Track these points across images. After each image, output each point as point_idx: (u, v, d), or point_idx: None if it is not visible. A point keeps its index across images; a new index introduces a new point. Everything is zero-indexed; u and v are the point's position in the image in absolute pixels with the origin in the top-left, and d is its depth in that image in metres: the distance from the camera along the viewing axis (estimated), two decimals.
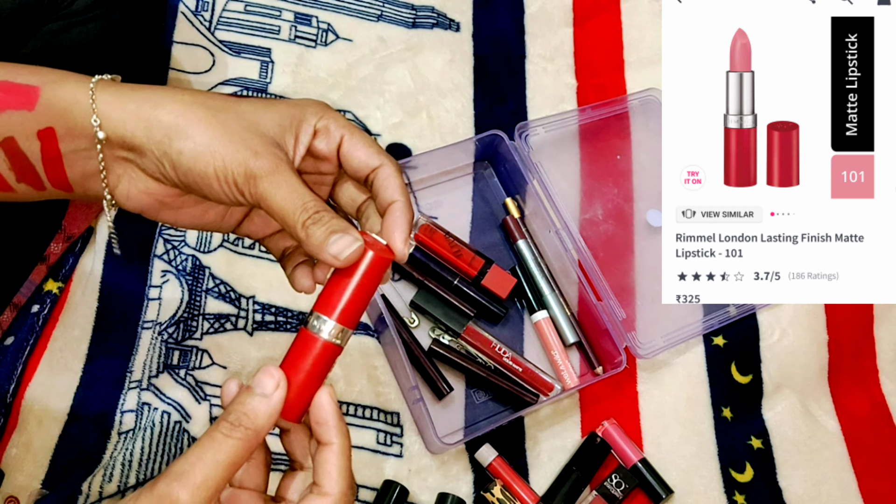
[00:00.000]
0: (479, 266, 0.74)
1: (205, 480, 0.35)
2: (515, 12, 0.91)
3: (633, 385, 0.76)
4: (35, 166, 0.39)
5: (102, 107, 0.38)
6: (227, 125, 0.38)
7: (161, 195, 0.41)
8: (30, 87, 0.38)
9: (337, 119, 0.41)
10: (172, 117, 0.38)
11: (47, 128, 0.38)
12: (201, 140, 0.38)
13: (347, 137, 0.41)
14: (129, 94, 0.39)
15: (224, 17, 0.83)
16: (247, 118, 0.39)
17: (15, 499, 0.61)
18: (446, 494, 0.67)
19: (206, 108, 0.39)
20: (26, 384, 0.65)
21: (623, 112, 0.85)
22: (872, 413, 0.79)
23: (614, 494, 0.68)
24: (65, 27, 0.54)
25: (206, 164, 0.38)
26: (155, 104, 0.38)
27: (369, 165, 0.41)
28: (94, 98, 0.38)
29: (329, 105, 0.42)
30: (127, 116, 0.38)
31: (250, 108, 0.40)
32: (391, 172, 0.41)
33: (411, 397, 0.69)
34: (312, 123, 0.41)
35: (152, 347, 0.68)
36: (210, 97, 0.40)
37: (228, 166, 0.38)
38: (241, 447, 0.36)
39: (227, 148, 0.38)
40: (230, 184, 0.38)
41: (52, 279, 0.69)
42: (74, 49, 0.55)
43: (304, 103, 0.42)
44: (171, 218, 0.43)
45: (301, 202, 0.38)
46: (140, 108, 0.38)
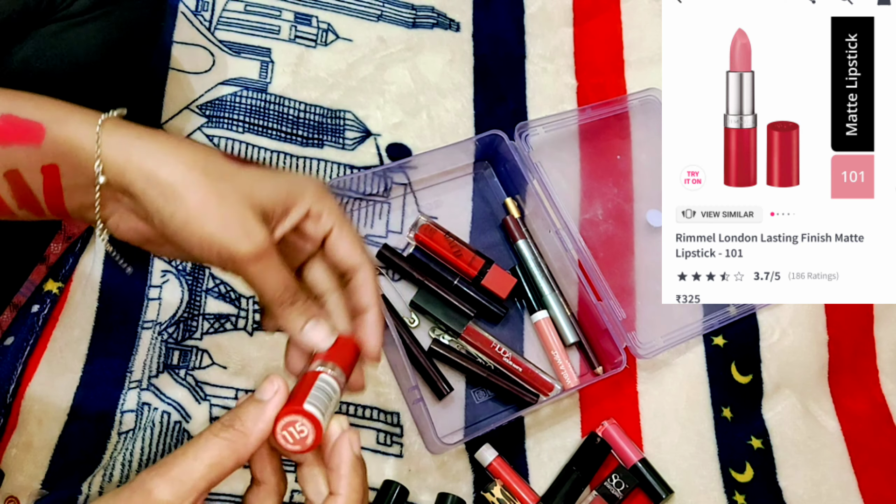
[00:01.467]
0: (479, 266, 0.74)
1: (183, 475, 0.34)
2: (515, 12, 0.91)
3: (633, 385, 0.76)
4: (36, 196, 0.40)
5: (107, 151, 0.38)
6: (223, 196, 0.38)
7: (148, 235, 0.42)
8: (35, 123, 0.38)
9: (332, 208, 0.42)
10: (171, 178, 0.38)
11: (51, 164, 0.39)
12: (194, 207, 0.38)
13: (337, 229, 0.42)
14: (135, 143, 0.39)
15: (224, 17, 0.83)
16: (244, 189, 0.39)
17: (15, 499, 0.61)
18: (446, 494, 0.67)
19: (206, 175, 0.38)
20: (26, 384, 0.65)
21: (623, 112, 0.85)
22: (872, 413, 0.79)
23: (614, 494, 0.68)
24: (64, 28, 0.54)
25: (192, 233, 0.38)
26: (158, 160, 0.38)
27: (351, 263, 0.43)
28: (100, 143, 0.38)
29: (328, 189, 0.43)
30: (129, 167, 0.38)
31: (249, 177, 0.40)
32: (369, 276, 0.43)
33: (411, 397, 0.69)
34: (307, 206, 0.41)
35: (152, 347, 0.68)
36: (213, 160, 0.40)
37: (214, 241, 0.38)
38: (227, 448, 0.35)
39: (216, 223, 0.38)
40: (212, 255, 0.38)
41: (52, 279, 0.69)
42: (74, 50, 0.55)
43: (306, 182, 0.42)
44: (155, 250, 0.43)
45: (283, 284, 0.39)
46: (143, 162, 0.38)
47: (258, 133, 0.78)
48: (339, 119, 0.81)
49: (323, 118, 0.81)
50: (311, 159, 0.78)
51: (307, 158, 0.78)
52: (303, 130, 0.79)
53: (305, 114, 0.80)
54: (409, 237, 0.75)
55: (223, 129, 0.77)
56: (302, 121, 0.80)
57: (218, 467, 0.35)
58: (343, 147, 0.80)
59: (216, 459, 0.35)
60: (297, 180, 0.42)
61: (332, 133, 0.80)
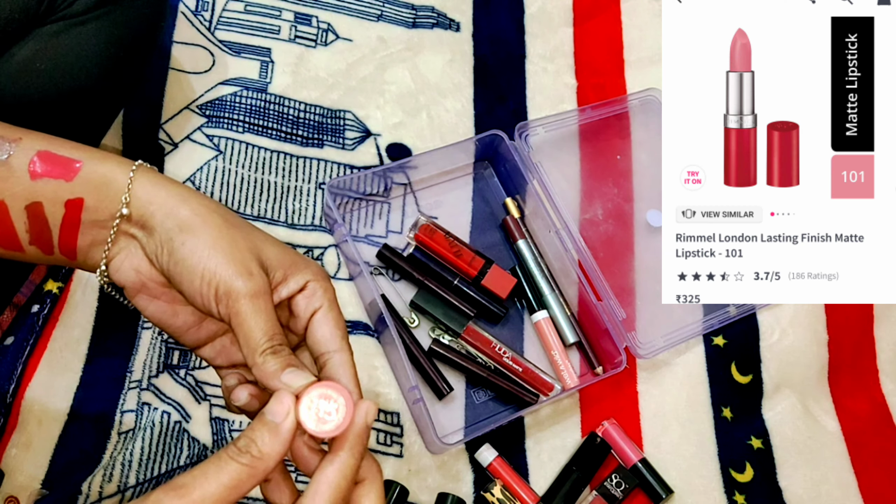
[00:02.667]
0: (479, 266, 0.74)
1: (203, 498, 0.34)
2: (515, 12, 0.91)
3: (633, 385, 0.76)
4: (52, 231, 0.41)
5: (137, 188, 0.41)
6: (235, 240, 0.41)
7: (146, 277, 0.43)
8: (72, 160, 0.41)
9: (327, 290, 0.43)
10: (191, 215, 0.40)
11: (77, 198, 0.41)
12: (205, 241, 0.40)
13: (325, 309, 0.43)
14: (165, 185, 0.41)
15: (224, 17, 0.83)
16: (254, 242, 0.42)
17: (15, 499, 0.61)
18: (446, 494, 0.67)
19: (224, 220, 0.41)
20: (26, 384, 0.65)
21: (623, 112, 0.85)
22: (872, 413, 0.79)
23: (614, 494, 0.68)
24: (64, 28, 0.54)
25: (198, 262, 0.39)
26: (182, 200, 0.41)
27: (328, 346, 0.42)
28: (133, 179, 0.41)
29: (329, 277, 0.44)
30: (154, 202, 0.41)
31: (261, 236, 0.43)
32: (346, 361, 0.42)
33: (411, 397, 0.69)
34: (306, 278, 0.43)
35: (152, 347, 0.68)
36: (232, 214, 0.43)
37: (217, 274, 0.39)
38: (246, 473, 0.35)
39: (224, 258, 0.40)
40: (210, 289, 0.39)
41: (52, 279, 0.69)
42: (74, 50, 0.55)
43: (309, 262, 0.44)
44: (143, 305, 0.44)
45: (271, 331, 0.39)
46: (168, 200, 0.41)
47: (258, 133, 0.78)
48: (339, 119, 0.81)
49: (323, 118, 0.81)
50: (311, 159, 0.78)
51: (307, 158, 0.78)
52: (303, 130, 0.79)
53: (305, 114, 0.80)
54: (409, 237, 0.75)
55: (223, 129, 0.77)
56: (302, 121, 0.80)
57: (236, 490, 0.35)
58: (343, 147, 0.80)
59: (234, 483, 0.35)
60: (303, 257, 0.44)
61: (332, 133, 0.80)
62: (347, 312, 0.73)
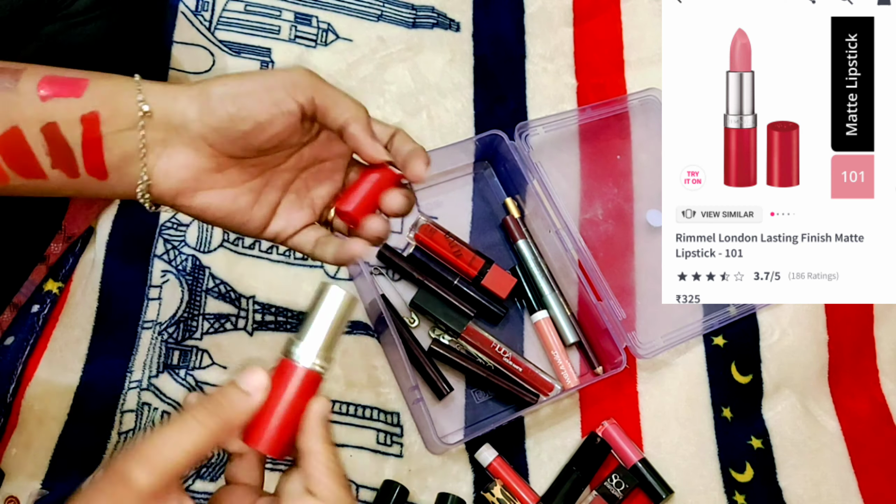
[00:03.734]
0: (479, 266, 0.74)
1: (164, 461, 0.33)
2: (515, 12, 0.91)
3: (633, 385, 0.76)
4: (73, 150, 0.40)
5: (148, 88, 0.41)
6: (273, 76, 0.43)
7: (201, 166, 0.42)
8: (77, 78, 0.40)
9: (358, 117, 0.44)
10: (224, 88, 0.42)
11: (91, 112, 0.40)
12: (257, 76, 0.42)
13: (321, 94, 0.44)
14: (172, 84, 0.42)
15: (224, 17, 0.83)
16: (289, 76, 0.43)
17: (15, 499, 0.61)
18: (446, 494, 0.67)
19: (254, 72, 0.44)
20: (26, 384, 0.65)
21: (623, 112, 0.85)
22: (872, 413, 0.79)
23: (614, 494, 0.68)
24: (65, 28, 0.54)
25: (262, 77, 0.42)
26: (204, 86, 0.42)
27: (337, 120, 0.43)
28: (141, 83, 0.41)
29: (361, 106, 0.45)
30: (177, 95, 0.41)
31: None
32: (360, 125, 0.44)
33: (411, 397, 0.69)
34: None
35: (152, 347, 0.68)
36: None
37: (289, 74, 0.42)
38: (207, 436, 0.35)
39: (284, 73, 0.43)
40: (289, 93, 0.41)
41: (52, 279, 0.69)
42: (74, 50, 0.55)
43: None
44: (202, 203, 0.43)
45: (357, 104, 0.43)
46: (189, 89, 0.41)
47: None
48: None
49: None
50: None
51: None
52: None
53: None
54: (409, 237, 0.75)
55: None
56: None
57: (197, 455, 0.35)
58: None
59: (197, 447, 0.35)
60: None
61: None
62: None
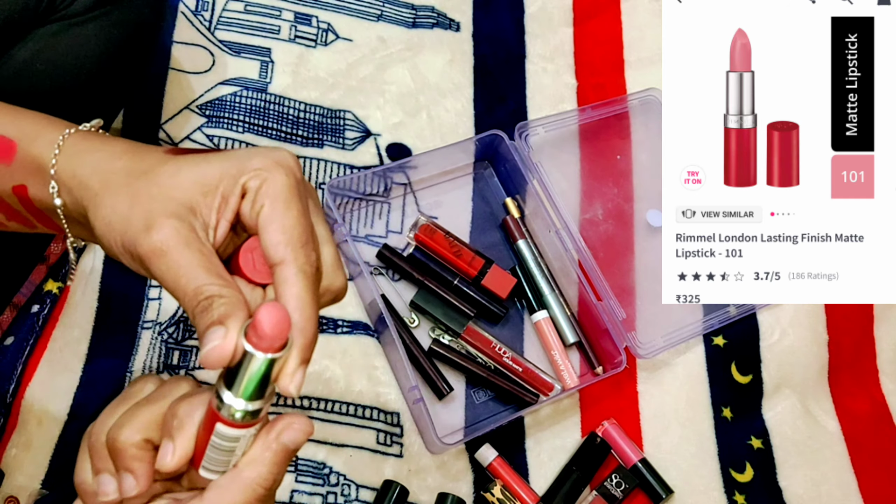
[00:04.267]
0: (479, 266, 0.74)
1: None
2: (515, 12, 0.91)
3: (633, 385, 0.76)
4: (20, 212, 0.39)
5: (62, 166, 0.37)
6: (136, 194, 0.34)
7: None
8: (8, 140, 0.38)
9: (273, 181, 0.34)
10: (96, 181, 0.36)
11: (20, 185, 0.38)
12: (109, 211, 0.35)
13: (268, 209, 0.34)
14: (85, 152, 0.37)
15: (224, 17, 0.83)
16: (162, 182, 0.35)
17: (15, 499, 0.61)
18: (446, 494, 0.67)
19: (127, 175, 0.35)
20: (26, 384, 0.65)
21: (623, 112, 0.85)
22: (872, 413, 0.79)
23: (614, 494, 0.68)
24: (64, 28, 0.54)
25: (112, 238, 0.35)
26: (93, 167, 0.36)
27: (272, 257, 0.34)
28: (56, 162, 0.37)
29: (287, 158, 0.35)
30: (76, 178, 0.36)
31: (175, 168, 0.35)
32: (292, 274, 0.33)
33: (411, 397, 0.69)
34: (242, 182, 0.34)
35: (152, 347, 0.68)
36: (142, 159, 0.36)
37: (125, 241, 0.34)
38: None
39: (124, 223, 0.34)
40: (127, 256, 0.35)
41: (52, 279, 0.69)
42: (73, 50, 0.55)
43: (249, 157, 0.35)
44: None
45: (193, 286, 0.32)
46: (84, 170, 0.36)
47: (258, 133, 0.78)
48: (339, 119, 0.81)
49: (323, 118, 0.80)
50: (311, 159, 0.78)
51: (307, 158, 0.78)
52: (303, 130, 0.79)
53: (305, 114, 0.80)
54: (409, 237, 0.75)
55: (223, 129, 0.77)
56: (302, 121, 0.80)
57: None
58: (343, 147, 0.80)
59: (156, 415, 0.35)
60: (241, 158, 0.35)
61: (332, 133, 0.80)
62: (347, 312, 0.73)
